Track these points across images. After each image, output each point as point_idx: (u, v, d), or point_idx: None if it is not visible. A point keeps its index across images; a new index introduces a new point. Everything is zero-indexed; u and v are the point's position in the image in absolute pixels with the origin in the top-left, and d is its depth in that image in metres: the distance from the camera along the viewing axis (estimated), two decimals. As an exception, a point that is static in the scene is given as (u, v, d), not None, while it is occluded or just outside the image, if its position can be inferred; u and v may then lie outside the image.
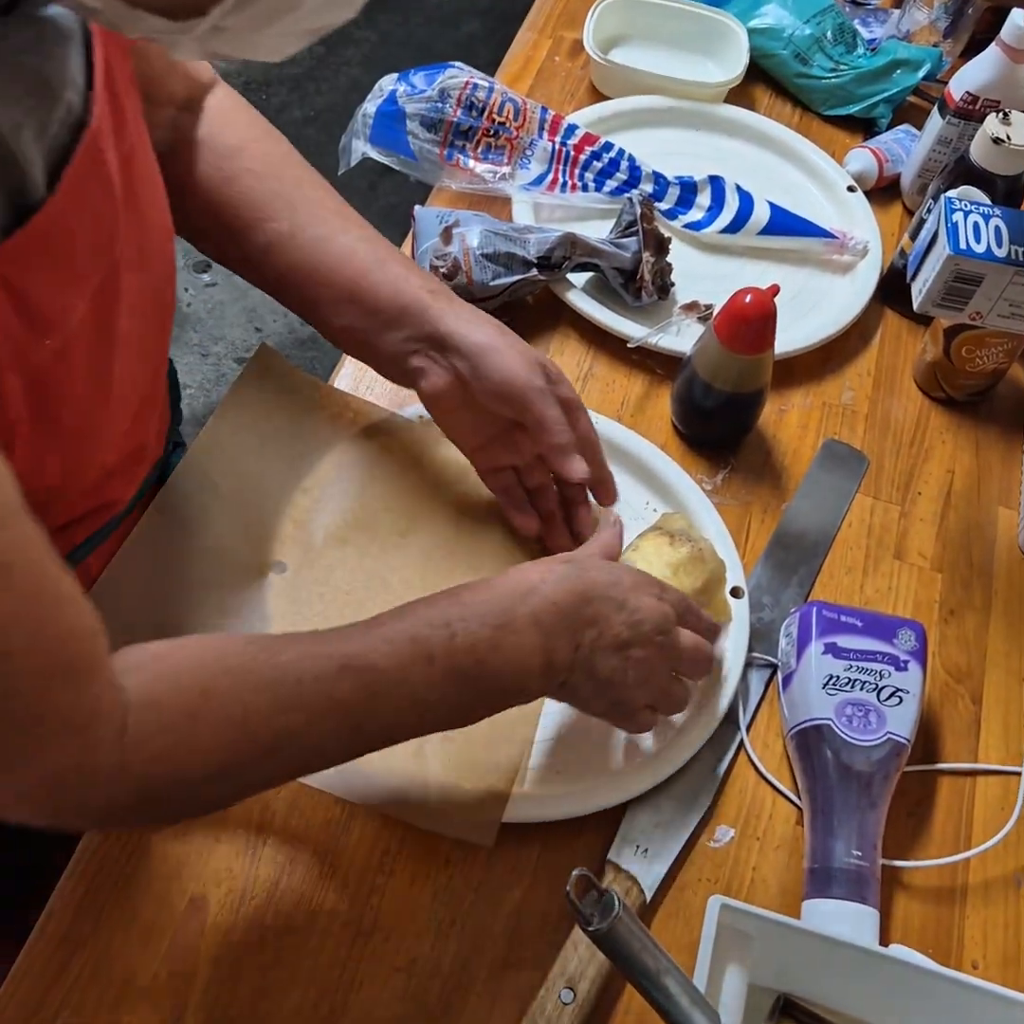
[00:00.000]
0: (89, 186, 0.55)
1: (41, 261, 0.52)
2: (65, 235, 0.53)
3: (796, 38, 1.16)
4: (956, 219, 0.75)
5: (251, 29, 0.45)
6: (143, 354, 0.67)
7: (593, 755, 0.74)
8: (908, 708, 0.72)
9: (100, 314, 0.58)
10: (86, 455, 0.63)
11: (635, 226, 0.93)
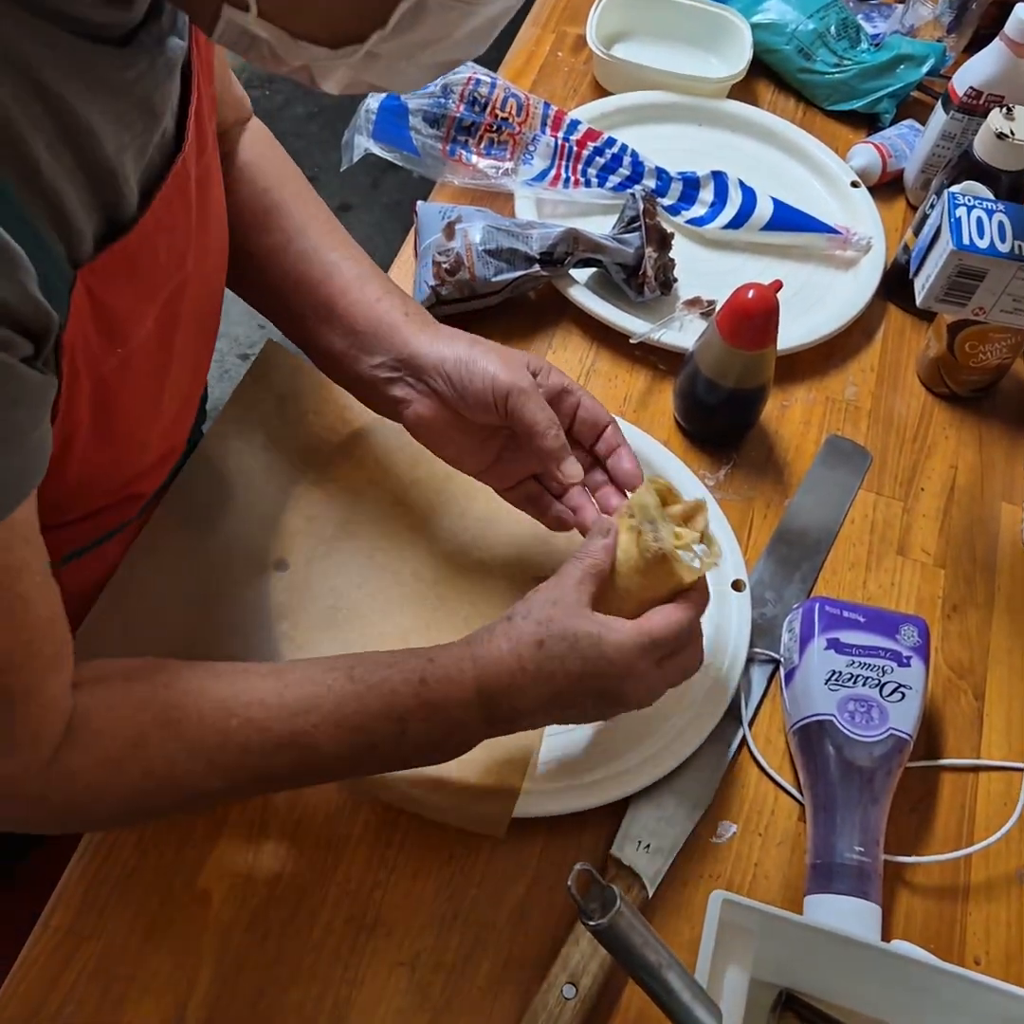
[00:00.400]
0: (174, 207, 0.57)
1: (125, 276, 0.53)
2: (150, 253, 0.55)
3: (799, 33, 1.16)
4: (959, 214, 0.75)
5: (401, 57, 0.47)
6: (193, 365, 0.68)
7: (596, 750, 0.74)
8: (910, 704, 0.72)
9: (163, 327, 0.60)
10: (131, 456, 0.64)
11: (638, 221, 0.93)
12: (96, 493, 0.64)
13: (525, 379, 0.69)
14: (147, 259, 0.55)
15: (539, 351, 0.95)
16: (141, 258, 0.54)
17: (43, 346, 0.48)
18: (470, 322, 0.93)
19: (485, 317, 0.94)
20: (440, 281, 0.91)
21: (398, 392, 0.73)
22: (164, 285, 0.59)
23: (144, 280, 0.56)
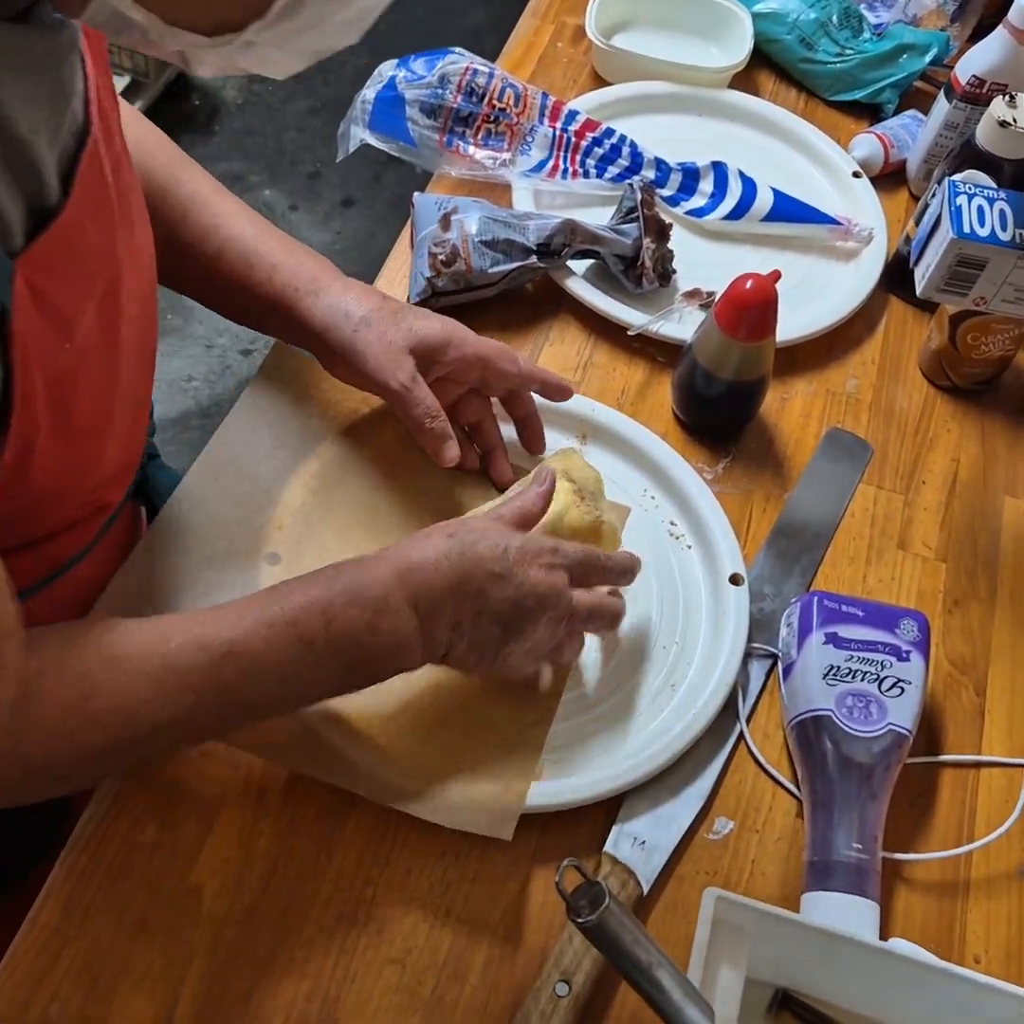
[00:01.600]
0: (94, 193, 0.56)
1: (61, 264, 0.53)
2: (80, 241, 0.54)
3: (801, 23, 1.15)
4: (960, 202, 0.74)
5: (276, 46, 0.47)
6: (141, 358, 0.68)
7: (590, 743, 0.73)
8: (910, 699, 0.71)
9: (105, 318, 0.60)
10: (92, 459, 0.64)
11: (636, 212, 0.92)
12: (63, 503, 0.64)
13: (399, 375, 0.74)
14: (79, 247, 0.54)
15: (536, 343, 0.94)
16: (73, 246, 0.54)
17: None
18: (466, 314, 0.92)
19: (481, 309, 0.93)
20: (436, 272, 0.90)
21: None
22: (99, 275, 0.58)
23: (79, 270, 0.55)
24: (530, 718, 0.72)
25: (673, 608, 0.79)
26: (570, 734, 0.73)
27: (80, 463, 0.62)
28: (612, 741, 0.73)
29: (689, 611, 0.79)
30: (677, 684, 0.76)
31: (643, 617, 0.79)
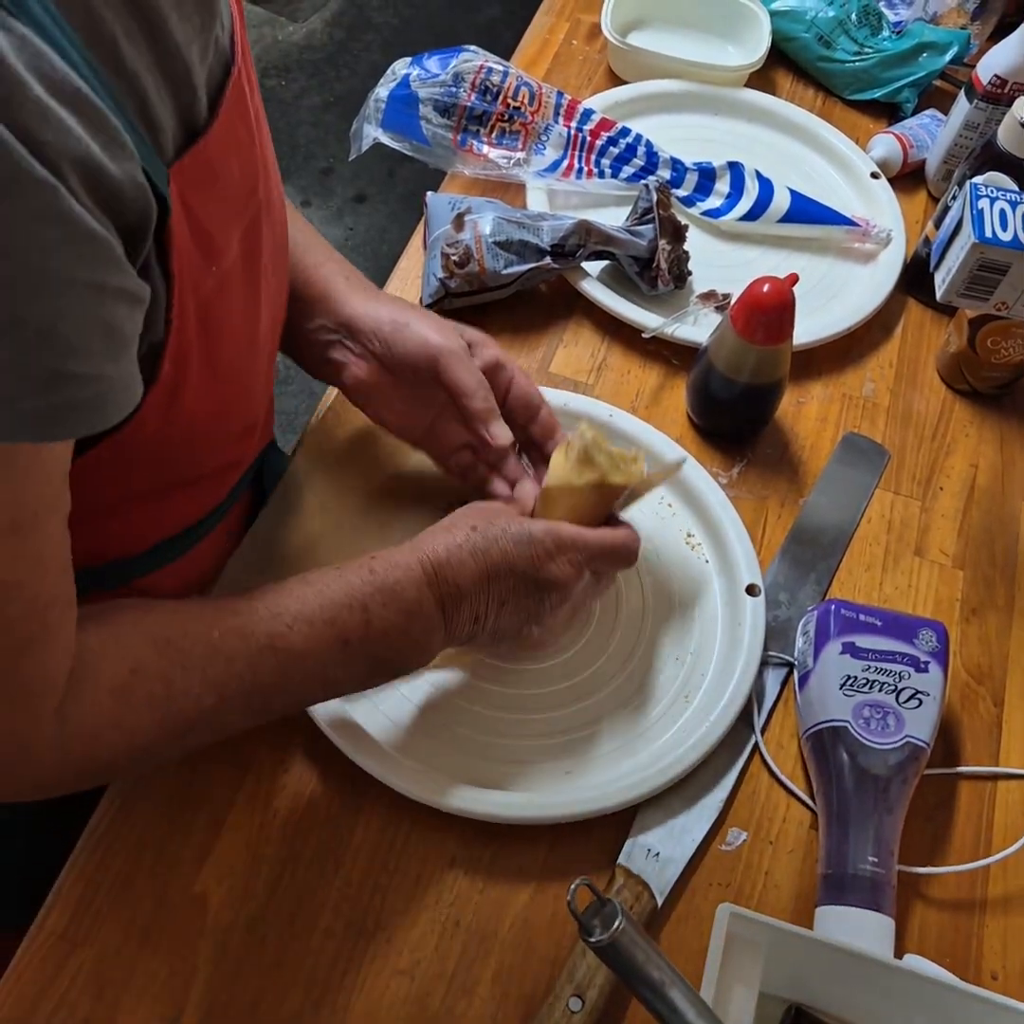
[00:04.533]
0: (237, 126, 0.55)
1: (208, 185, 0.52)
2: (225, 164, 0.53)
3: (819, 20, 1.13)
4: (982, 206, 0.72)
5: None
6: (275, 306, 0.67)
7: (603, 755, 0.72)
8: (928, 711, 0.70)
9: (248, 254, 0.59)
10: (235, 400, 0.63)
11: (651, 213, 0.91)
12: (208, 442, 0.62)
13: (456, 343, 0.72)
14: (224, 172, 0.53)
15: (550, 345, 0.93)
16: (219, 167, 0.53)
17: (140, 246, 0.46)
18: (479, 316, 0.91)
19: (495, 310, 0.92)
20: (449, 274, 0.89)
21: (336, 355, 0.74)
22: (244, 207, 0.57)
23: (225, 195, 0.54)
24: None
25: (688, 619, 0.79)
26: (583, 744, 0.72)
27: (225, 400, 0.61)
28: (625, 752, 0.72)
29: (704, 622, 0.78)
30: (691, 695, 0.75)
31: (658, 629, 0.78)
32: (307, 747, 0.71)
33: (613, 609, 0.78)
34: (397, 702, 0.73)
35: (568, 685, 0.75)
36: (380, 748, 0.69)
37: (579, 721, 0.73)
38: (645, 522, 0.83)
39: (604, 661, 0.76)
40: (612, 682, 0.75)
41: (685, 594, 0.80)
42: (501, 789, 0.69)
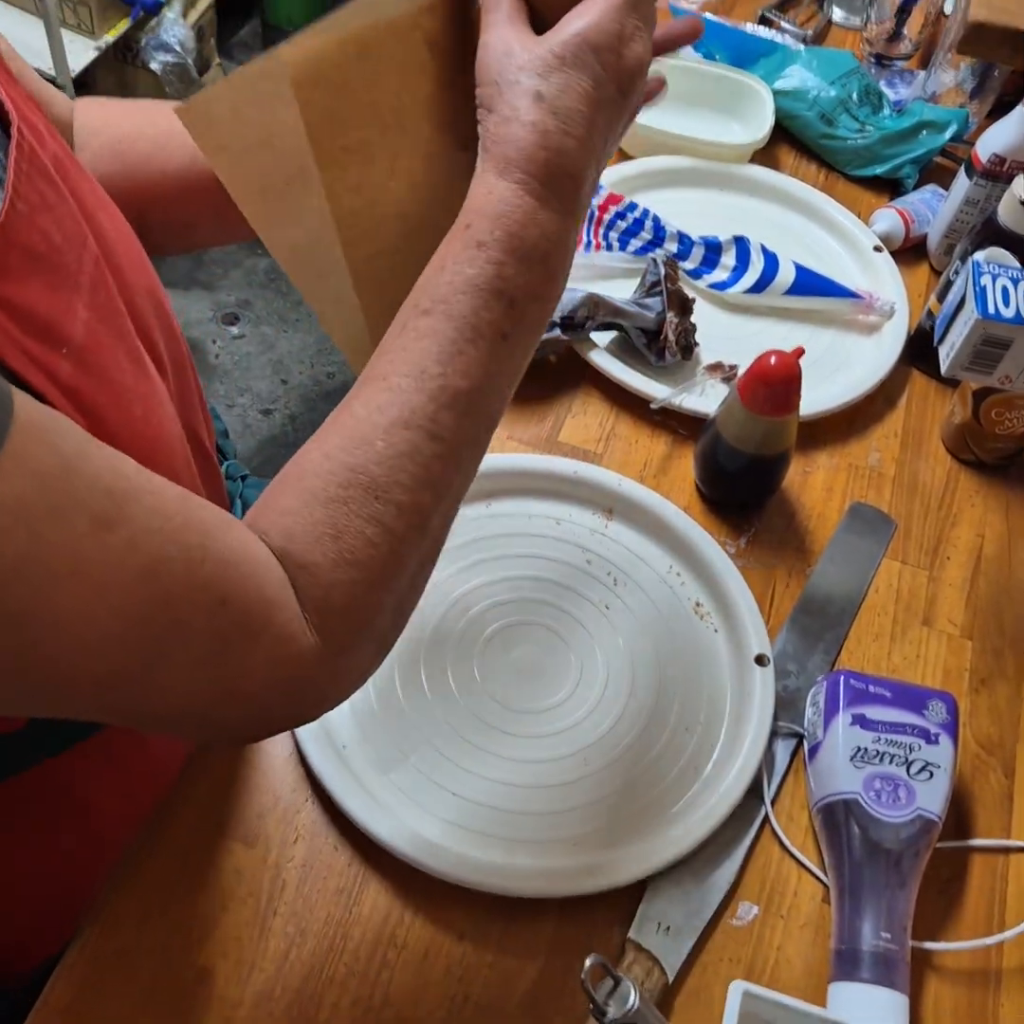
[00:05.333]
0: (39, 185, 0.50)
1: (25, 268, 0.47)
2: (40, 235, 0.49)
3: (821, 99, 1.16)
4: (984, 283, 0.74)
5: None
6: (165, 331, 0.63)
7: (612, 827, 0.72)
8: (939, 783, 0.70)
9: (107, 319, 0.54)
10: (155, 448, 0.56)
11: (659, 286, 0.93)
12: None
13: None
14: (41, 243, 0.48)
15: (559, 415, 0.94)
16: (32, 243, 0.48)
17: None
18: (489, 385, 0.92)
19: (504, 380, 0.93)
20: (460, 344, 0.90)
21: None
22: (77, 268, 0.51)
23: (50, 267, 0.49)
24: None
25: (697, 689, 0.79)
26: (591, 816, 0.72)
27: (145, 454, 0.54)
28: (635, 823, 0.72)
29: (714, 692, 0.78)
30: (701, 766, 0.75)
31: (667, 698, 0.78)
32: (316, 817, 0.71)
33: (622, 677, 0.79)
34: (406, 771, 0.73)
35: (575, 753, 0.75)
36: (390, 816, 0.69)
37: (587, 792, 0.73)
38: (654, 591, 0.83)
39: (612, 730, 0.76)
40: (621, 751, 0.75)
41: (694, 663, 0.80)
42: (509, 861, 0.69)
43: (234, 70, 0.56)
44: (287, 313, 2.36)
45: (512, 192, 0.52)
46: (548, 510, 0.86)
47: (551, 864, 0.69)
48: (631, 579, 0.83)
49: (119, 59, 2.26)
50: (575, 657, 0.79)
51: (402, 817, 0.70)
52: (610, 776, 0.74)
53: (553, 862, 0.69)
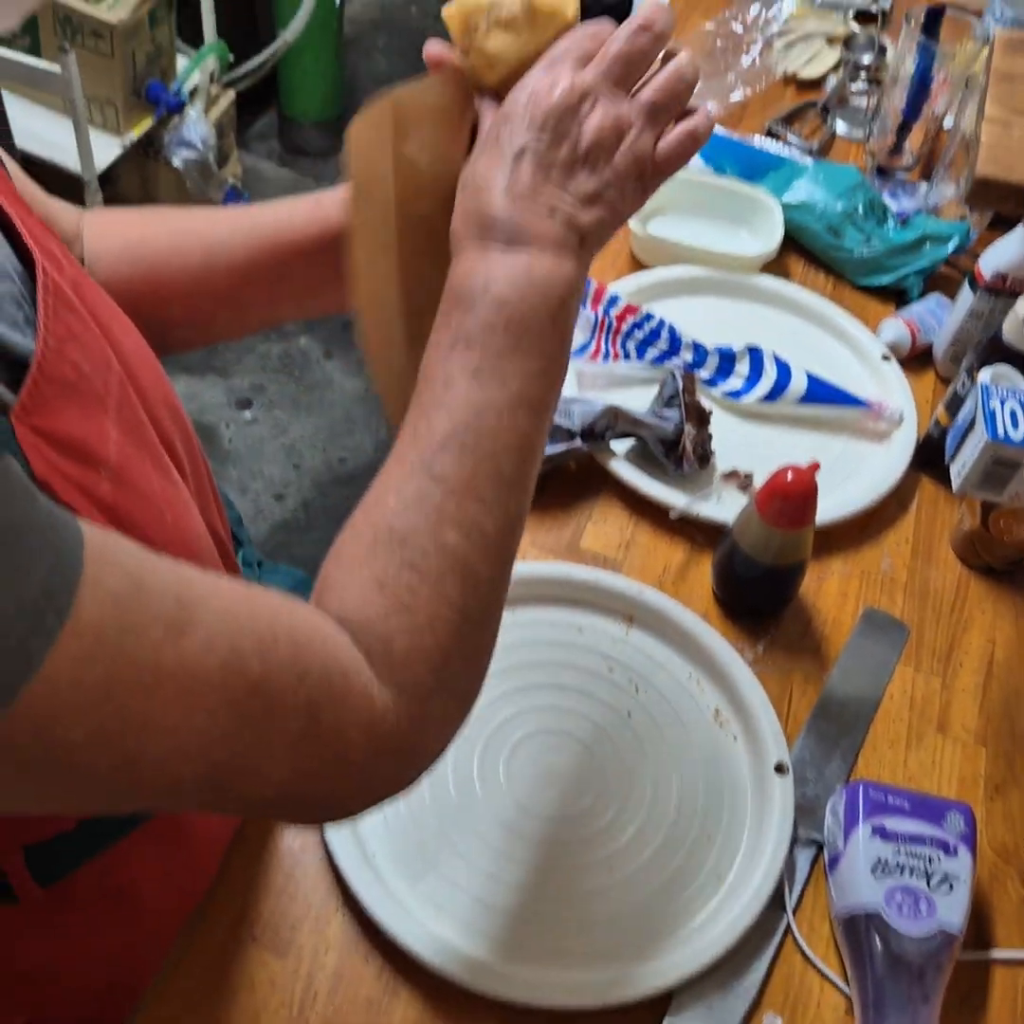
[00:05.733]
0: (65, 317, 0.53)
1: (61, 400, 0.51)
2: (71, 367, 0.52)
3: (828, 212, 1.21)
4: (993, 406, 0.77)
5: None
6: (183, 442, 0.66)
7: (637, 939, 0.73)
8: (959, 896, 0.71)
9: (135, 437, 0.57)
10: (190, 558, 0.58)
11: (677, 399, 0.96)
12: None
13: None
14: (72, 373, 0.52)
15: (579, 522, 0.97)
16: (65, 374, 0.51)
17: None
18: (512, 492, 0.95)
19: (527, 487, 0.96)
20: (484, 453, 0.93)
21: None
22: (104, 391, 0.55)
23: (82, 394, 0.52)
24: None
25: (718, 797, 0.80)
26: (617, 927, 0.73)
27: (171, 535, 0.58)
28: (659, 936, 0.73)
29: (735, 800, 0.80)
30: (723, 875, 0.76)
31: (688, 807, 0.80)
32: (348, 926, 0.72)
33: (645, 785, 0.80)
34: (435, 879, 0.74)
35: (600, 861, 0.76)
36: (418, 926, 0.70)
37: (613, 901, 0.74)
38: (675, 698, 0.85)
39: (636, 837, 0.78)
40: (645, 860, 0.77)
41: (715, 772, 0.82)
42: (536, 972, 0.70)
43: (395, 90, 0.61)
44: (300, 398, 2.41)
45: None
46: (570, 618, 0.89)
47: (577, 976, 0.70)
48: (652, 686, 0.85)
49: (142, 155, 2.32)
50: (599, 764, 0.81)
51: (430, 926, 0.71)
52: (635, 885, 0.75)
53: (579, 974, 0.70)
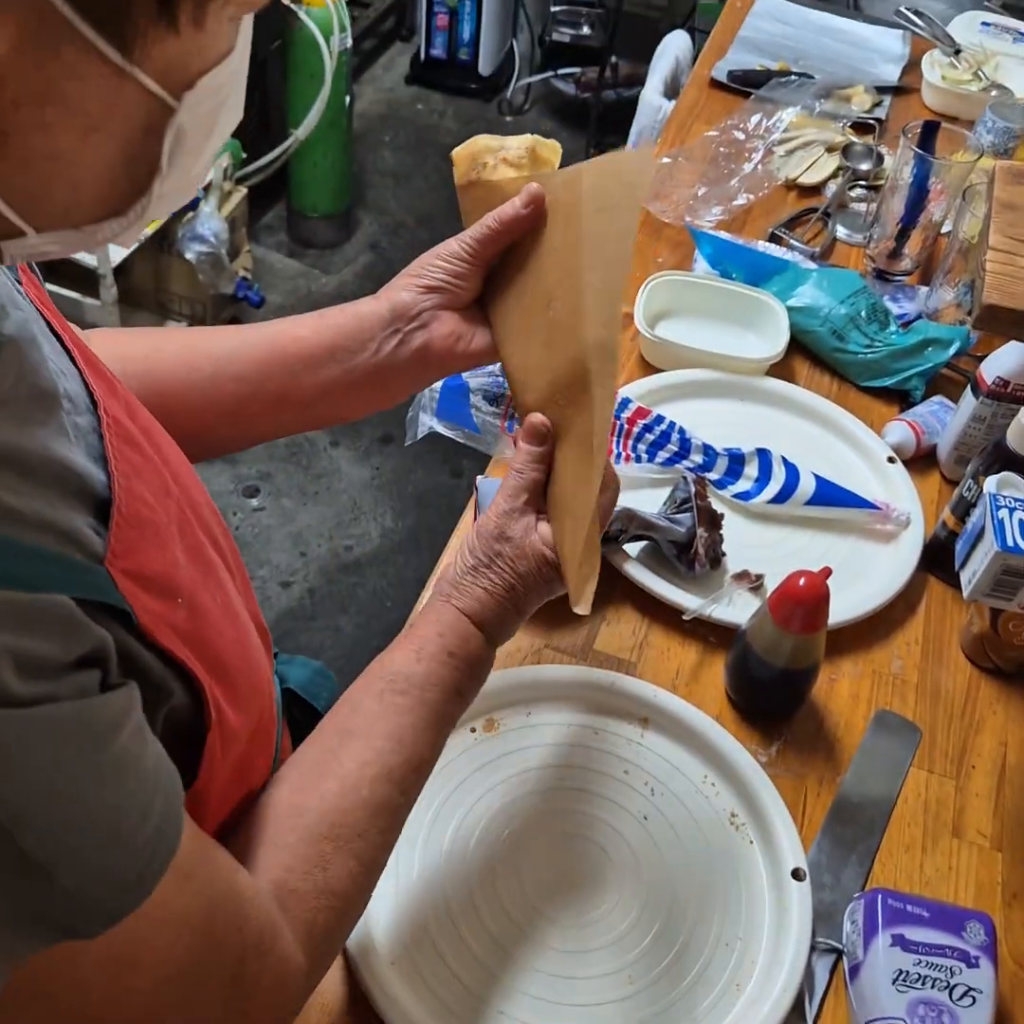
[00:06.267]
0: (124, 449, 0.55)
1: (141, 539, 0.52)
2: (143, 504, 0.53)
3: (832, 316, 1.24)
4: (1002, 516, 0.79)
5: (182, 178, 0.47)
6: (238, 575, 0.68)
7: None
8: (982, 1009, 0.71)
9: (194, 555, 0.59)
10: (252, 694, 0.63)
11: (689, 503, 0.98)
12: (239, 737, 0.61)
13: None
14: (143, 508, 0.53)
15: (594, 623, 0.98)
16: (138, 511, 0.52)
17: (108, 663, 0.47)
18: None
19: (541, 588, 0.98)
20: (500, 555, 0.95)
21: (413, 340, 0.76)
22: (168, 519, 0.57)
23: (154, 529, 0.54)
24: None
25: (736, 903, 0.80)
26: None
27: (244, 707, 0.60)
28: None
29: (752, 906, 0.80)
30: (742, 984, 0.76)
31: (706, 912, 0.80)
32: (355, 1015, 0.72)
33: (662, 890, 0.80)
34: (456, 990, 0.74)
35: (620, 971, 0.76)
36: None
37: (633, 1012, 0.74)
38: (690, 802, 0.85)
39: (655, 944, 0.77)
40: (664, 968, 0.76)
41: (732, 877, 0.82)
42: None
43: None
44: (307, 486, 2.43)
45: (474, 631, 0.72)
46: (586, 720, 0.89)
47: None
48: (668, 789, 0.86)
49: (156, 248, 2.38)
50: (616, 869, 0.81)
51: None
52: (656, 994, 0.75)
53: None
